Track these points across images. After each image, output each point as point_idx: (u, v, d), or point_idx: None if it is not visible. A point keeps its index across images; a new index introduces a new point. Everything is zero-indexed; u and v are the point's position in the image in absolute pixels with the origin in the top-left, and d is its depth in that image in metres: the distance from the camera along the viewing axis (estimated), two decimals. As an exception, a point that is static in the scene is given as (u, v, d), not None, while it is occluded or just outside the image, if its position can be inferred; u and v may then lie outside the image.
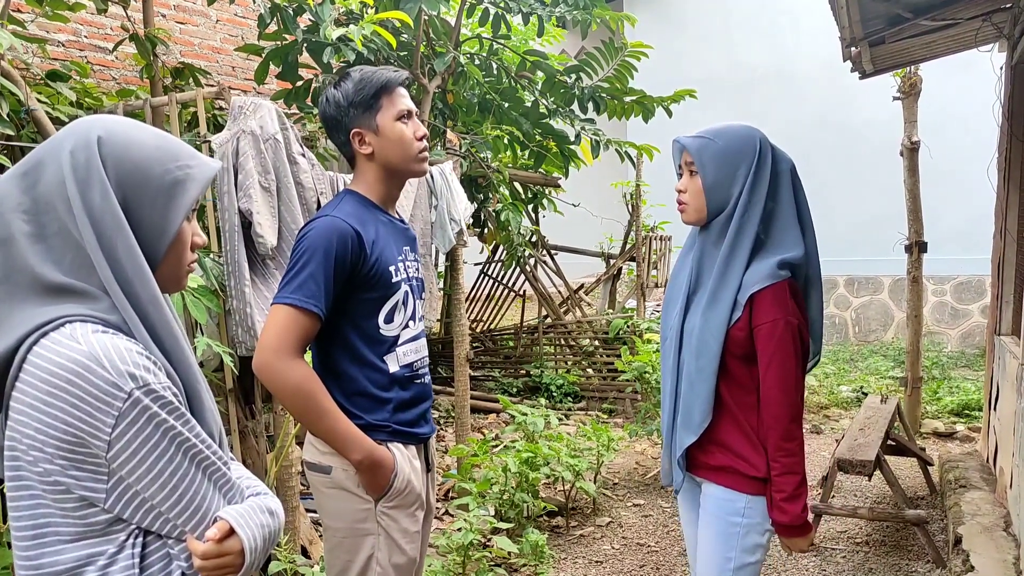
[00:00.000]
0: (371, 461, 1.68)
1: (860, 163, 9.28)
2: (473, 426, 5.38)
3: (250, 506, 1.08)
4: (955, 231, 8.48)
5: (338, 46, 3.65)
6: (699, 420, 1.78)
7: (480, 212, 5.60)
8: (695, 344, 1.78)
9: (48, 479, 0.96)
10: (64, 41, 4.61)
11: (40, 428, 0.94)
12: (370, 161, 1.78)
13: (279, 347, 1.61)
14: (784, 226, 1.78)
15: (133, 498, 0.99)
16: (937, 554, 3.38)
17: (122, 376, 0.95)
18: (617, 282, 7.57)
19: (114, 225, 0.99)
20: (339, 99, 1.73)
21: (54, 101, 3.13)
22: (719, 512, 1.80)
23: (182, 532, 1.03)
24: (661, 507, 4.26)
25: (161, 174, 1.04)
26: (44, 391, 0.94)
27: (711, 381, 1.76)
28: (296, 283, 1.63)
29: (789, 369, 1.72)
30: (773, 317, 1.71)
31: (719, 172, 1.76)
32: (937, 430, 5.64)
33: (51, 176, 1.00)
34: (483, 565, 3.11)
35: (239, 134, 2.84)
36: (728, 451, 1.78)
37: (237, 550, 1.04)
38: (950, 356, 8.36)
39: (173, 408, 1.00)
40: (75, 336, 0.95)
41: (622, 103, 5.55)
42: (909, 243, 5.54)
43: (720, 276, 1.77)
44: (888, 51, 4.24)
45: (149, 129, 1.09)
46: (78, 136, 1.02)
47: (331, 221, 1.67)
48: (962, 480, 3.91)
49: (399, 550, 1.76)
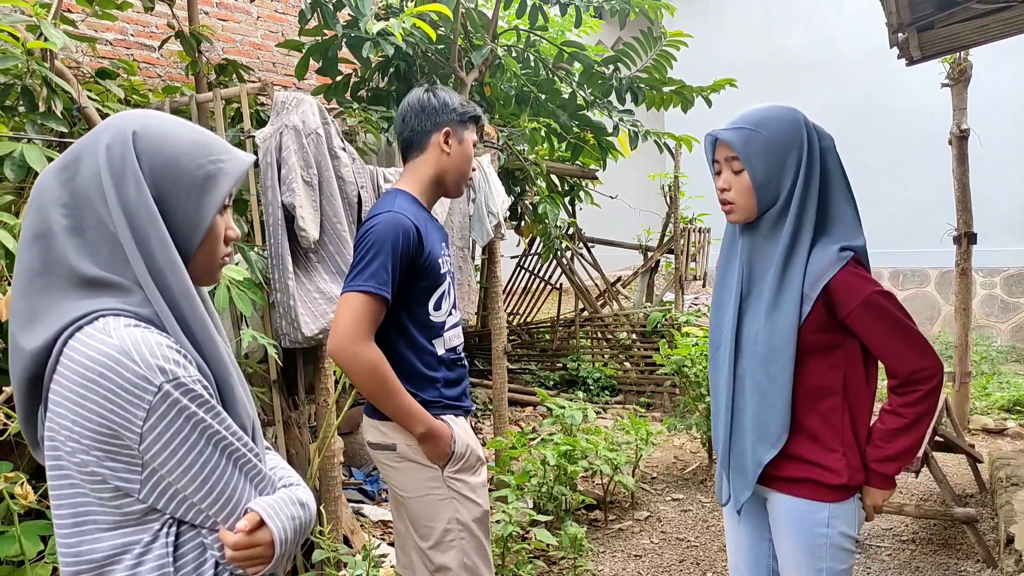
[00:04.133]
0: (432, 433, 1.85)
1: (905, 152, 9.04)
2: (510, 419, 5.39)
3: (281, 498, 1.09)
4: (1006, 222, 8.23)
5: (377, 40, 3.67)
6: (778, 432, 1.66)
7: (517, 205, 5.60)
8: (762, 351, 1.65)
9: (86, 469, 0.98)
10: (112, 40, 4.72)
11: (76, 420, 0.96)
12: (436, 161, 1.93)
13: (356, 332, 1.74)
14: (839, 208, 1.66)
15: (166, 489, 1.01)
16: (988, 553, 3.29)
17: (152, 370, 0.96)
18: (655, 275, 7.50)
19: (148, 218, 1.01)
20: (446, 100, 1.93)
21: (103, 98, 3.21)
22: (801, 525, 1.69)
23: (215, 522, 1.04)
24: (700, 502, 4.23)
25: (194, 168, 1.05)
26: (79, 384, 0.96)
27: (787, 389, 1.64)
28: (368, 272, 1.75)
29: (908, 330, 1.61)
30: (863, 294, 1.59)
31: (770, 166, 1.62)
32: (987, 426, 5.49)
33: (88, 170, 1.02)
34: (522, 557, 3.12)
35: (282, 129, 2.88)
36: (800, 462, 1.67)
37: (267, 541, 1.05)
38: (1000, 351, 8.12)
39: (203, 401, 1.01)
40: (107, 330, 0.97)
41: (661, 93, 5.49)
42: (958, 234, 5.38)
43: (781, 274, 1.64)
44: (937, 36, 4.11)
45: (184, 124, 1.10)
46: (114, 131, 1.04)
47: (394, 216, 1.80)
48: (1014, 478, 3.80)
49: (474, 504, 1.93)
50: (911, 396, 1.63)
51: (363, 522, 3.59)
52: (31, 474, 2.19)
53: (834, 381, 1.67)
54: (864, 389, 1.70)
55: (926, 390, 1.62)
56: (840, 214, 1.67)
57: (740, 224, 1.74)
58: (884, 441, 1.66)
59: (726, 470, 1.80)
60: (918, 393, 1.63)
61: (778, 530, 1.75)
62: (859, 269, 1.63)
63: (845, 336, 1.65)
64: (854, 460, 1.67)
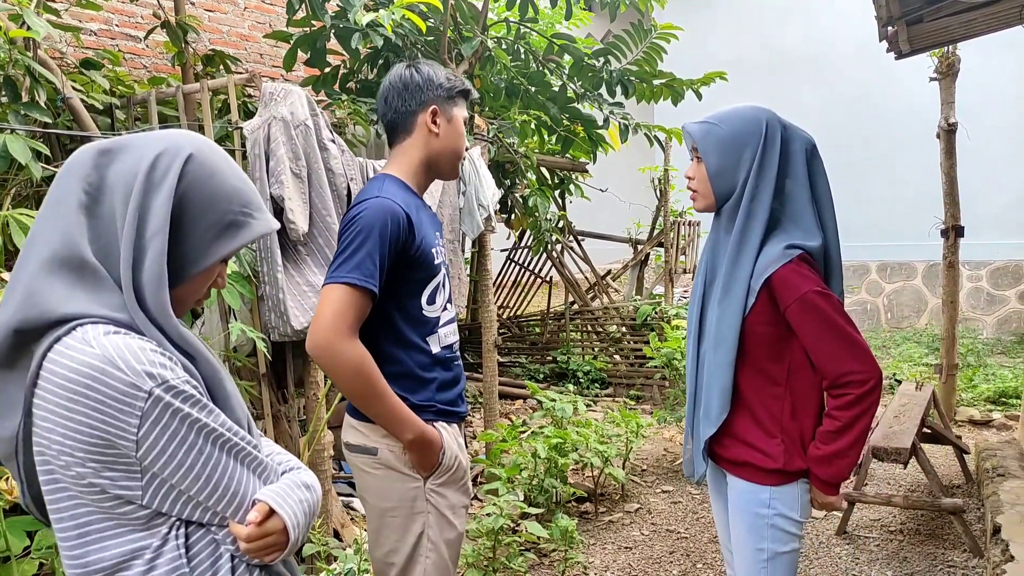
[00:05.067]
0: (423, 441, 1.70)
1: (894, 146, 9.09)
2: (501, 412, 5.39)
3: (287, 483, 1.09)
4: (992, 215, 8.29)
5: (366, 32, 3.64)
6: (717, 412, 1.76)
7: (507, 198, 5.59)
8: (713, 336, 1.75)
9: (83, 481, 0.96)
10: (96, 30, 4.66)
11: (66, 434, 0.94)
12: (424, 143, 1.79)
13: (338, 327, 1.58)
14: (798, 209, 1.72)
15: (169, 492, 1.00)
16: (975, 543, 3.32)
17: (139, 376, 0.95)
18: (645, 268, 7.52)
19: (156, 228, 1.00)
20: (430, 75, 1.77)
21: (88, 89, 3.17)
22: (745, 505, 1.78)
23: (223, 518, 1.04)
24: (690, 493, 4.24)
25: (225, 211, 1.07)
26: (64, 398, 0.94)
27: (728, 373, 1.72)
28: (353, 262, 1.61)
29: (842, 332, 1.63)
30: (800, 292, 1.64)
31: (723, 158, 1.72)
32: (973, 418, 5.54)
33: (126, 164, 1.02)
34: (513, 550, 3.12)
35: (270, 120, 2.85)
36: (743, 444, 1.76)
37: (280, 528, 1.05)
38: (986, 343, 8.20)
39: (195, 400, 1.00)
40: (87, 340, 0.95)
41: (651, 86, 5.48)
42: (945, 227, 5.42)
43: (731, 264, 1.72)
44: (926, 30, 4.13)
45: (235, 167, 1.11)
46: (171, 144, 1.05)
47: (383, 202, 1.66)
48: (1000, 469, 3.84)
49: (449, 525, 1.78)
50: (842, 399, 1.65)
51: (353, 516, 3.58)
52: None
53: (778, 372, 1.72)
54: (809, 384, 1.74)
55: (857, 394, 1.63)
56: (798, 215, 1.72)
57: (708, 214, 1.84)
58: (821, 442, 1.69)
59: (691, 444, 1.90)
60: (848, 396, 1.64)
61: (731, 511, 1.84)
62: (802, 267, 1.66)
63: (791, 332, 1.71)
64: (792, 447, 1.73)
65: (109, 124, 3.07)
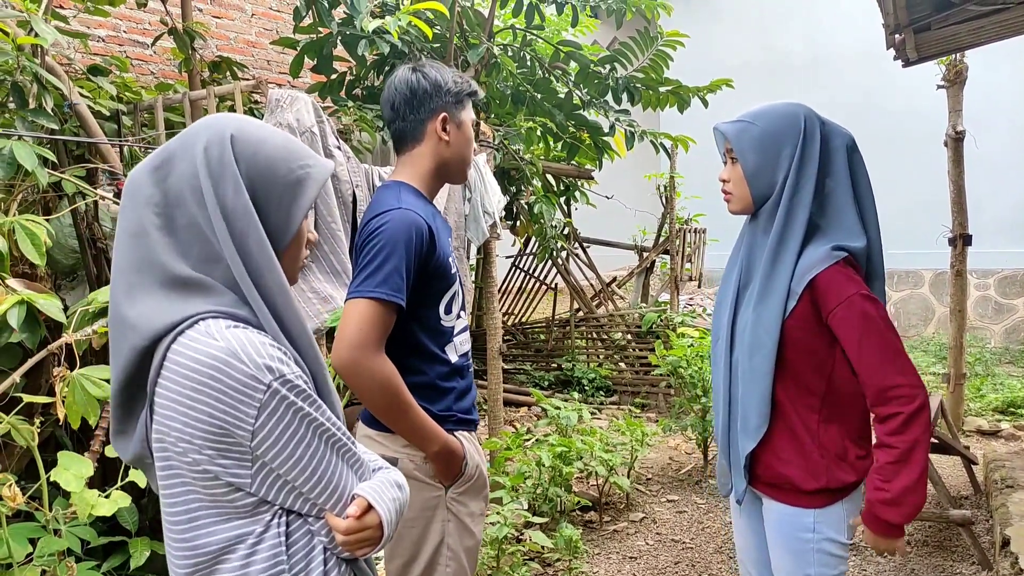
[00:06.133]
0: (447, 452, 1.71)
1: (901, 153, 9.06)
2: (505, 419, 5.37)
3: (381, 481, 1.14)
4: (1000, 223, 8.26)
5: (373, 39, 3.64)
6: (756, 423, 1.65)
7: (513, 205, 5.58)
8: (748, 341, 1.65)
9: (198, 468, 1.01)
10: (104, 36, 4.68)
11: (187, 422, 0.99)
12: (435, 150, 1.76)
13: (366, 343, 1.55)
14: (840, 208, 1.64)
15: (275, 481, 1.04)
16: (983, 556, 3.29)
17: (260, 369, 0.99)
18: (650, 275, 7.50)
19: (246, 219, 1.04)
20: (438, 80, 1.73)
21: (95, 95, 3.17)
22: (788, 530, 1.68)
23: (321, 510, 1.09)
24: (696, 503, 4.22)
25: (287, 172, 1.09)
26: (189, 387, 0.98)
27: (767, 381, 1.62)
28: (381, 276, 1.57)
29: (888, 342, 1.54)
30: (846, 295, 1.55)
31: (761, 157, 1.65)
32: (981, 428, 5.50)
33: (183, 170, 1.05)
34: (517, 559, 3.10)
35: (276, 127, 2.86)
36: (781, 461, 1.66)
37: (376, 524, 1.10)
38: (994, 352, 8.15)
39: (307, 396, 1.05)
40: (211, 332, 1.00)
41: (657, 93, 5.47)
42: (953, 236, 5.39)
43: (771, 265, 1.64)
44: (934, 38, 4.11)
45: (274, 129, 1.14)
46: (212, 132, 1.06)
47: (406, 214, 1.62)
48: (1009, 480, 3.80)
49: (468, 533, 1.79)
50: (892, 423, 1.54)
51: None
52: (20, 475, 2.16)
53: (817, 382, 1.63)
54: (851, 396, 1.64)
55: (906, 412, 1.52)
56: (840, 215, 1.65)
57: (744, 216, 1.77)
58: (882, 479, 1.55)
59: (726, 459, 1.79)
60: (898, 418, 1.53)
61: (769, 534, 1.75)
62: (848, 270, 1.60)
63: (833, 340, 1.62)
64: (833, 464, 1.63)
65: (116, 130, 3.08)
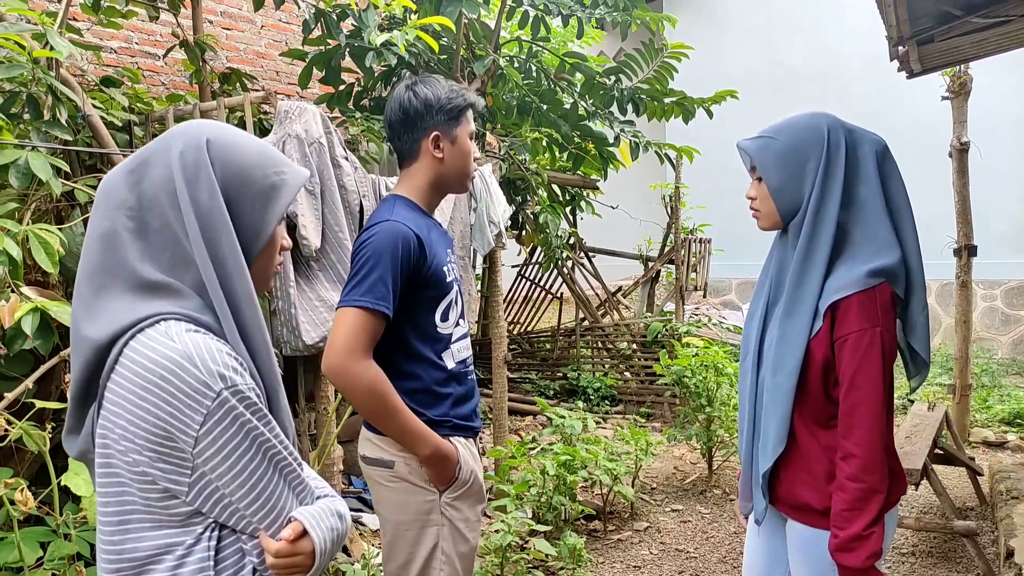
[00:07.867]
0: (439, 455, 1.74)
1: (905, 164, 8.88)
2: (510, 428, 5.39)
3: (321, 508, 1.11)
4: (1006, 234, 8.24)
5: (380, 51, 3.69)
6: (774, 443, 1.62)
7: (518, 214, 5.62)
8: (772, 358, 1.62)
9: (136, 469, 0.99)
10: (117, 48, 4.75)
11: (132, 420, 0.98)
12: (430, 167, 1.81)
13: (352, 348, 1.63)
14: (871, 218, 1.57)
15: (212, 493, 1.02)
16: (988, 567, 3.28)
17: (212, 376, 0.98)
18: (655, 285, 7.51)
19: (220, 223, 1.03)
20: (429, 99, 1.76)
21: (108, 106, 3.22)
22: (812, 551, 1.64)
23: (256, 529, 1.06)
24: (700, 513, 4.22)
25: (261, 178, 1.09)
26: (139, 385, 0.97)
27: (787, 401, 1.59)
28: (366, 286, 1.65)
29: (874, 391, 1.50)
30: (859, 327, 1.50)
31: (784, 172, 1.61)
32: (987, 439, 5.48)
33: (157, 174, 1.04)
34: (521, 567, 3.11)
35: (285, 138, 2.90)
36: (800, 485, 1.63)
37: (308, 551, 1.06)
38: (1000, 363, 8.11)
39: (256, 409, 1.03)
40: (170, 334, 0.99)
41: (662, 104, 5.51)
42: (958, 246, 5.39)
43: (797, 282, 1.59)
44: (937, 50, 4.14)
45: (249, 135, 1.15)
46: (188, 137, 1.06)
47: (393, 226, 1.70)
48: (1014, 491, 3.79)
49: (463, 538, 1.81)
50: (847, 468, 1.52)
51: (362, 531, 3.58)
52: (31, 481, 2.19)
53: (831, 407, 1.60)
54: None
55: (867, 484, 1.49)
56: (872, 226, 1.58)
57: (773, 232, 1.74)
58: (838, 526, 1.53)
59: (748, 477, 1.77)
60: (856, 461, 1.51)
61: (791, 554, 1.73)
62: (876, 303, 1.51)
63: None
64: None
65: (127, 141, 3.13)
